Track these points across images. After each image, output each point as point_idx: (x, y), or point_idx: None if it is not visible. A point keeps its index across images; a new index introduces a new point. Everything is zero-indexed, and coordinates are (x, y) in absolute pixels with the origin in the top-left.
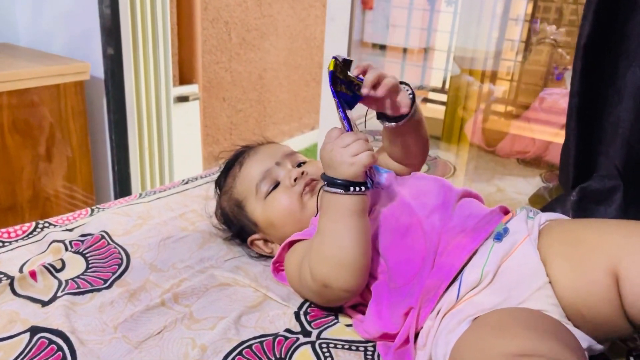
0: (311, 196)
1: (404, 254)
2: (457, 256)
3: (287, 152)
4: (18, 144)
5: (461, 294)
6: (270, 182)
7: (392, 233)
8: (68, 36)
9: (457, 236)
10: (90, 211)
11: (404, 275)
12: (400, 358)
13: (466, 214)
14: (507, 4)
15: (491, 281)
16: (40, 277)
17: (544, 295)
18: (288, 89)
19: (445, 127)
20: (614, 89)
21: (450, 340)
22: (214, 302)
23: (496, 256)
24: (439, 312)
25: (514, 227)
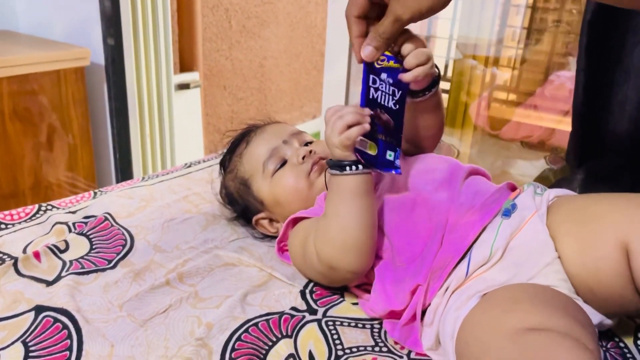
0: (319, 175)
1: (408, 232)
2: (467, 233)
3: (294, 131)
4: (19, 131)
5: (470, 271)
6: (278, 160)
7: (397, 211)
8: (68, 22)
9: (465, 213)
10: (92, 194)
11: (409, 253)
12: (407, 334)
13: (474, 191)
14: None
15: (500, 258)
16: (44, 257)
17: (553, 271)
18: (289, 78)
19: (448, 111)
20: (621, 67)
21: (459, 316)
22: (219, 282)
23: (505, 233)
24: (447, 289)
25: (522, 204)
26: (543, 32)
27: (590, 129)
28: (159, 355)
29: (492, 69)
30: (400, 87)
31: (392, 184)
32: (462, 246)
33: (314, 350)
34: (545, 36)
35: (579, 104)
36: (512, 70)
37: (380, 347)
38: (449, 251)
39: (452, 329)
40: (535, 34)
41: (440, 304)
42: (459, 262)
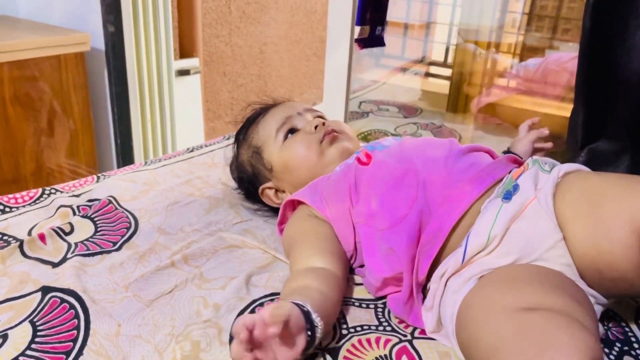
0: (329, 145)
1: (393, 196)
2: (456, 205)
3: (310, 107)
4: (20, 116)
5: (467, 257)
6: (290, 127)
7: (386, 178)
8: (67, 7)
9: (457, 184)
10: (96, 178)
11: (391, 218)
12: (408, 312)
13: (470, 162)
14: None
15: (499, 244)
16: (50, 240)
17: (556, 255)
18: (289, 64)
19: (450, 97)
20: (623, 50)
21: (456, 299)
22: (223, 263)
23: (505, 217)
24: (444, 274)
25: (525, 184)
26: (543, 19)
27: (592, 112)
28: (165, 334)
29: (492, 54)
30: None
31: (388, 154)
32: (451, 218)
33: None
34: (546, 22)
35: (581, 87)
36: (512, 56)
37: (385, 327)
38: (438, 223)
39: (451, 311)
40: (535, 19)
41: (437, 289)
42: (455, 249)
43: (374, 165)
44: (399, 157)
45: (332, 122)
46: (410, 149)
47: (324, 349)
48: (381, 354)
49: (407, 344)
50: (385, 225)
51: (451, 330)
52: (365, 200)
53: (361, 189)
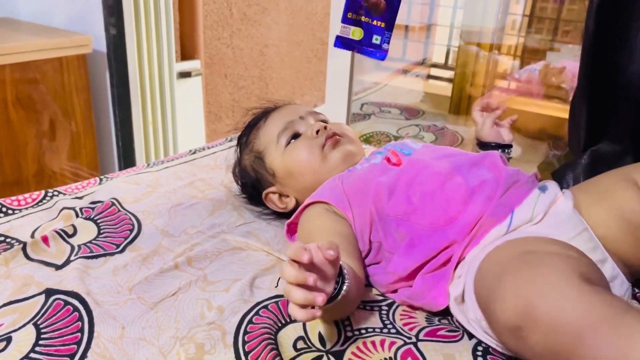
0: (332, 148)
1: (444, 197)
2: (516, 200)
3: (312, 110)
4: (22, 118)
5: (512, 228)
6: (292, 133)
7: (431, 179)
8: (69, 10)
9: (513, 185)
10: (98, 180)
11: (444, 217)
12: (431, 284)
13: (514, 170)
14: None
15: (540, 220)
16: (53, 242)
17: (585, 239)
18: (290, 66)
19: (452, 100)
20: (626, 51)
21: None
22: (227, 266)
23: (544, 202)
24: (485, 245)
25: (551, 186)
26: (544, 20)
27: (594, 114)
28: (169, 337)
29: (494, 55)
30: None
31: (424, 155)
32: (509, 210)
33: (323, 332)
34: (546, 24)
35: (584, 89)
36: (513, 57)
37: (389, 329)
38: (497, 213)
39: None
40: (536, 21)
41: (473, 253)
42: None
43: (411, 164)
44: (437, 160)
45: (333, 124)
46: (446, 153)
47: (328, 351)
48: (386, 356)
49: (412, 347)
50: (439, 222)
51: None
52: (404, 197)
53: (397, 186)
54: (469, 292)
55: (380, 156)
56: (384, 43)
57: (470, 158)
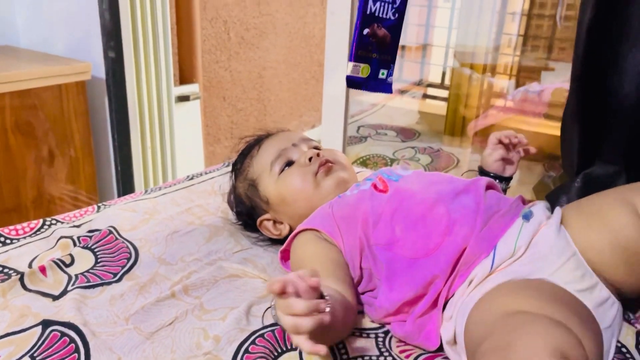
0: (325, 176)
1: (426, 227)
2: (497, 232)
3: (304, 137)
4: (21, 144)
5: (495, 265)
6: (285, 160)
7: (414, 208)
8: (68, 37)
9: (493, 215)
10: (96, 208)
11: (425, 248)
12: (421, 327)
13: (497, 198)
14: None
15: (523, 253)
16: (50, 272)
17: (570, 269)
18: (288, 87)
19: (447, 121)
20: (616, 74)
21: (473, 301)
22: (223, 294)
23: (527, 233)
24: (472, 282)
25: (537, 212)
26: (539, 39)
27: (587, 136)
28: None
29: (488, 77)
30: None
31: (411, 183)
32: (492, 244)
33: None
34: (542, 42)
35: (576, 112)
36: (509, 77)
37: (385, 357)
38: (479, 248)
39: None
40: (531, 40)
41: (461, 297)
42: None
43: (397, 193)
44: (422, 188)
45: (326, 151)
46: (433, 181)
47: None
48: None
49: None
50: (417, 255)
51: (461, 331)
52: (388, 226)
53: (382, 215)
54: (461, 338)
55: (369, 183)
56: (389, 77)
57: (456, 186)
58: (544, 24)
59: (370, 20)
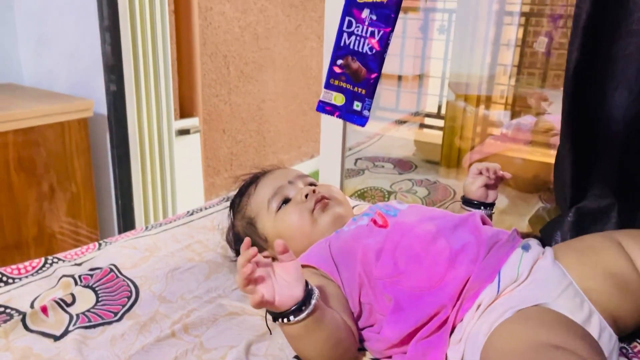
0: (321, 212)
1: (430, 260)
2: (499, 260)
3: (300, 174)
4: (23, 182)
5: (501, 289)
6: (282, 198)
7: (416, 242)
8: (71, 74)
9: (494, 245)
10: (97, 245)
11: (431, 280)
12: (426, 349)
13: (495, 231)
14: (498, 30)
15: (526, 278)
16: (52, 312)
17: (570, 296)
18: (286, 119)
19: (443, 153)
20: (603, 111)
21: (493, 325)
22: (223, 332)
23: (527, 261)
24: (480, 306)
25: (534, 244)
26: (534, 68)
27: (578, 171)
28: None
29: (483, 110)
30: (382, 25)
31: (409, 218)
32: (495, 270)
33: None
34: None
35: (567, 147)
36: (504, 107)
37: None
38: (483, 275)
39: (482, 340)
40: (526, 71)
41: (472, 319)
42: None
43: (397, 228)
44: (421, 223)
45: (322, 187)
46: (430, 216)
47: None
48: None
49: None
50: (425, 286)
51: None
52: (390, 261)
53: (383, 249)
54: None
55: (367, 218)
56: (365, 110)
57: (453, 220)
58: (539, 52)
59: (344, 51)
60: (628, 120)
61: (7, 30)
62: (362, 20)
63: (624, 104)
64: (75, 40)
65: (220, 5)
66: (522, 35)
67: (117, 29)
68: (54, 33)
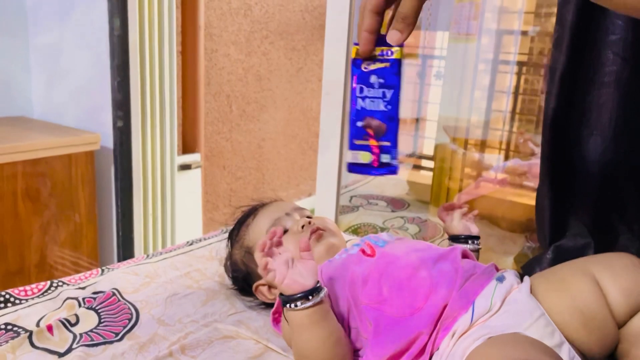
0: (316, 242)
1: (412, 289)
2: (474, 291)
3: (297, 207)
4: (29, 210)
5: (474, 319)
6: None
7: (400, 271)
8: (80, 109)
9: (470, 277)
10: (100, 271)
11: (412, 307)
12: None
13: (473, 264)
14: (493, 77)
15: (499, 309)
16: (57, 330)
17: (542, 325)
18: (285, 157)
19: (433, 192)
20: (579, 155)
21: (466, 352)
22: (218, 354)
23: (501, 292)
24: (454, 334)
25: (509, 276)
26: (530, 115)
27: (557, 211)
28: None
29: (477, 153)
30: (390, 86)
31: (396, 249)
32: (470, 300)
33: None
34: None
35: (547, 191)
36: (499, 150)
37: None
38: (459, 304)
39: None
40: (520, 118)
41: (447, 346)
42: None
43: (383, 257)
44: (405, 254)
45: (317, 219)
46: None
47: None
48: None
49: None
50: (405, 313)
51: None
52: (375, 287)
53: (370, 276)
54: None
55: (357, 248)
56: (394, 159)
57: (436, 253)
58: (537, 99)
59: (362, 113)
60: (602, 165)
61: (21, 65)
62: (372, 84)
63: (598, 149)
64: (86, 77)
65: (225, 48)
66: (516, 82)
67: (127, 67)
68: (65, 69)
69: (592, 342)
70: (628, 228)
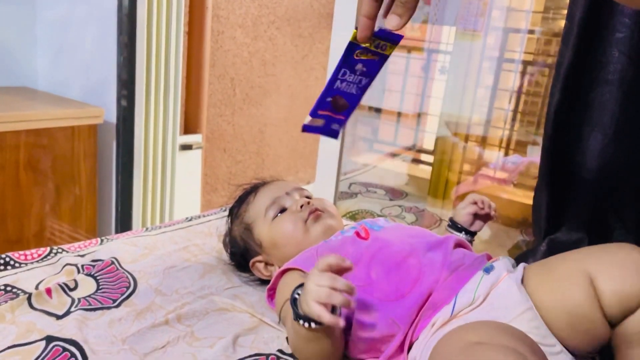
0: (314, 222)
1: (399, 274)
2: (458, 283)
3: (297, 187)
4: (30, 181)
5: (455, 312)
6: (278, 207)
7: (391, 257)
8: (85, 84)
9: (457, 268)
10: (100, 241)
11: (397, 292)
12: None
13: (462, 254)
14: (497, 76)
15: (481, 303)
16: (55, 294)
17: (527, 319)
18: (286, 144)
19: (431, 183)
20: (579, 151)
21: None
22: (213, 324)
23: (486, 284)
24: (434, 325)
25: (498, 266)
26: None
27: (554, 205)
28: None
29: (473, 146)
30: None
31: (390, 234)
32: (453, 293)
33: None
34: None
35: (544, 183)
36: (498, 149)
37: None
38: (442, 296)
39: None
40: (522, 116)
41: (425, 337)
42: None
43: (376, 241)
44: (399, 240)
45: (316, 200)
46: (409, 234)
47: None
48: None
49: None
50: (390, 298)
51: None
52: (364, 270)
53: (361, 259)
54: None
55: (352, 230)
56: (340, 128)
57: (429, 241)
58: (539, 100)
59: (335, 92)
60: (601, 162)
61: (28, 38)
62: (355, 71)
63: (598, 146)
64: (93, 52)
65: (232, 30)
66: (520, 81)
67: (134, 44)
68: (72, 44)
69: (579, 340)
70: (623, 225)
